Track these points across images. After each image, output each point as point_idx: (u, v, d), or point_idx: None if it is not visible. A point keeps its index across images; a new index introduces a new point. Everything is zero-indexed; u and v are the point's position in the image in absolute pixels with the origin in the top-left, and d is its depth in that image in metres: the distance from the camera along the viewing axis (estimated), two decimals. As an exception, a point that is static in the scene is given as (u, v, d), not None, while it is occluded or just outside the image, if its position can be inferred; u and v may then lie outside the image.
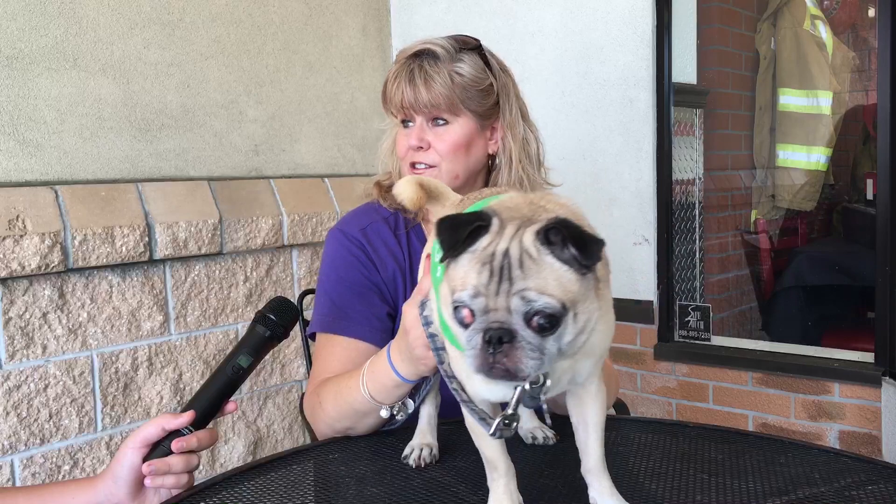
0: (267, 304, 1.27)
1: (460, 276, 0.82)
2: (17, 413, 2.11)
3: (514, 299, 0.78)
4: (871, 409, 2.42)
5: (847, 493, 1.07)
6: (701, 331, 2.80)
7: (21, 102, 2.18)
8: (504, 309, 0.78)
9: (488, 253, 0.81)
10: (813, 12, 3.89)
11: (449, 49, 1.45)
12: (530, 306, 0.78)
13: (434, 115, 1.45)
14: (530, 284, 0.79)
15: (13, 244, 2.02)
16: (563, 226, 0.80)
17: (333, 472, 1.24)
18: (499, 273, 0.79)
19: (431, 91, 1.42)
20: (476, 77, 1.45)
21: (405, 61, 1.46)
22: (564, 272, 0.80)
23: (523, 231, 0.82)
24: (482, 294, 0.79)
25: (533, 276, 0.79)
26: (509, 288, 0.79)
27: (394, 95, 1.46)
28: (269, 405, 2.76)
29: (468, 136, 1.46)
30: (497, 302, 0.79)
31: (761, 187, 4.01)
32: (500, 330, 0.78)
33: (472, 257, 0.82)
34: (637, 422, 1.46)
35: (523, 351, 0.78)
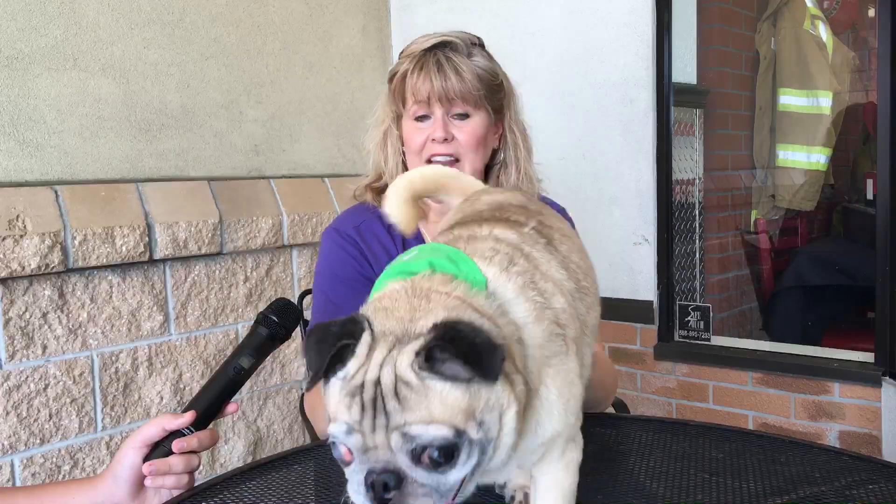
0: (269, 306, 1.28)
1: (332, 407, 0.71)
2: (17, 413, 2.11)
3: (394, 436, 0.67)
4: (871, 409, 2.42)
5: (847, 492, 1.07)
6: (701, 331, 2.79)
7: (21, 102, 2.18)
8: (385, 447, 0.67)
9: (356, 384, 0.69)
10: (813, 12, 3.89)
11: (466, 42, 1.45)
12: (415, 443, 0.66)
13: (454, 108, 1.44)
14: (410, 418, 0.67)
15: (13, 244, 2.02)
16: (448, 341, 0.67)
17: (334, 472, 1.23)
18: (371, 406, 0.68)
19: (462, 81, 1.41)
20: (491, 71, 1.46)
21: (423, 54, 1.44)
22: (451, 391, 0.68)
23: (398, 352, 0.69)
24: (356, 430, 0.68)
25: (413, 406, 0.67)
26: (386, 423, 0.67)
27: (419, 86, 1.43)
28: (269, 405, 2.76)
29: (486, 129, 1.47)
30: (375, 440, 0.67)
31: (761, 187, 4.01)
32: (383, 474, 0.67)
33: (342, 386, 0.70)
34: (637, 421, 1.46)
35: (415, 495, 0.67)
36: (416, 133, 1.47)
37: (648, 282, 2.82)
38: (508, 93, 1.52)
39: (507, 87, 1.52)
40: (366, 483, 0.68)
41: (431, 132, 1.45)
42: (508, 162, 1.52)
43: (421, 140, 1.46)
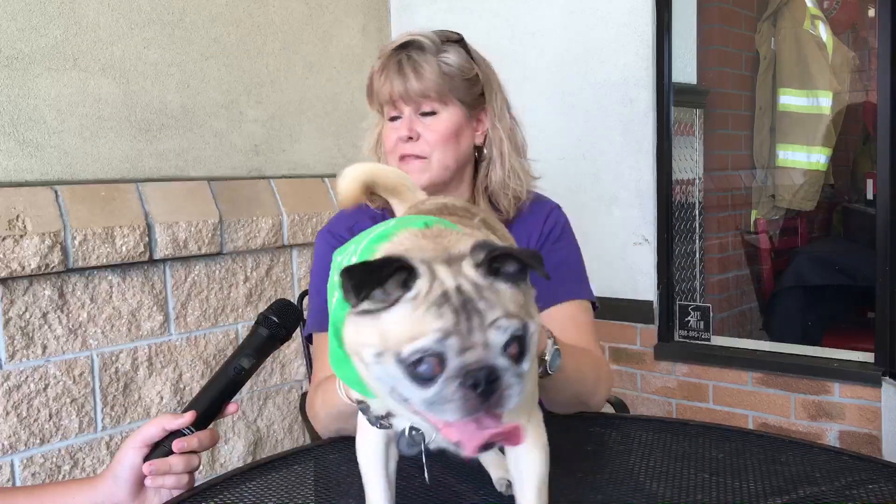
0: (269, 307, 1.28)
1: (406, 329, 0.72)
2: (17, 413, 2.11)
3: (491, 332, 0.71)
4: (871, 409, 2.42)
5: (848, 491, 1.07)
6: (701, 331, 2.80)
7: (21, 102, 2.18)
8: (481, 345, 0.71)
9: (437, 294, 0.72)
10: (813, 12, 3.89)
11: (434, 40, 1.45)
12: (507, 334, 0.72)
13: (422, 107, 1.45)
14: (499, 313, 0.72)
15: (13, 244, 2.02)
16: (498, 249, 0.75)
17: (334, 472, 1.24)
18: (463, 309, 0.71)
19: (422, 80, 1.42)
20: (462, 66, 1.45)
21: (391, 54, 1.46)
22: (511, 291, 0.75)
23: (458, 265, 0.75)
24: (454, 333, 0.70)
25: (495, 304, 0.73)
26: (481, 321, 0.71)
27: (381, 88, 1.46)
28: (269, 405, 2.76)
29: (457, 125, 1.47)
30: (472, 339, 0.71)
31: (761, 187, 4.01)
32: (486, 369, 0.70)
33: (416, 304, 0.72)
34: (637, 421, 1.46)
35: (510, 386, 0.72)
36: (390, 132, 1.49)
37: (648, 282, 2.82)
38: (490, 87, 1.51)
39: (487, 81, 1.50)
40: (465, 383, 0.70)
41: (398, 131, 1.46)
42: (494, 157, 1.52)
43: (393, 139, 1.48)
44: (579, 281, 1.53)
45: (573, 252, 1.56)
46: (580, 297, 1.50)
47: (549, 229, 1.54)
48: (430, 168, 1.46)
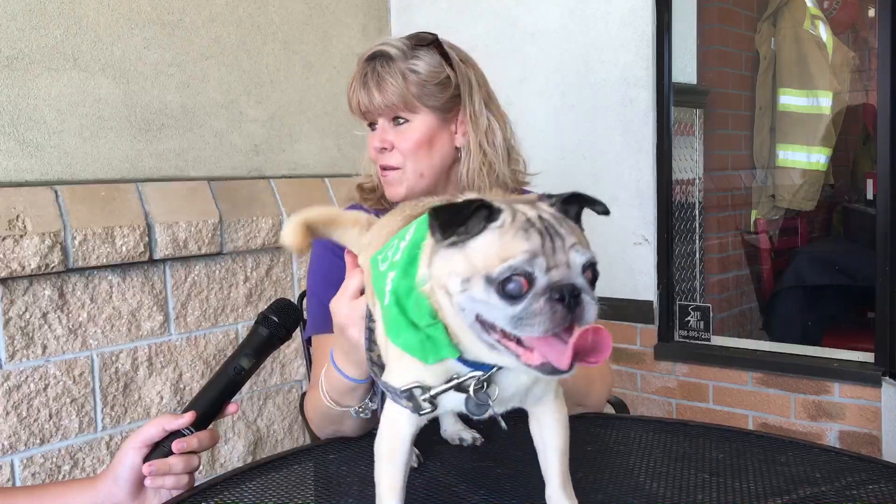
0: (269, 306, 1.28)
1: (495, 251, 0.79)
2: (17, 413, 2.11)
3: (572, 253, 0.79)
4: (871, 409, 2.42)
5: (848, 492, 1.07)
6: (701, 331, 2.80)
7: (21, 102, 2.18)
8: (564, 265, 0.78)
9: (523, 220, 0.80)
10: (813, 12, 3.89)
11: (403, 48, 1.44)
12: (586, 257, 0.79)
13: (393, 115, 1.45)
14: (576, 239, 0.80)
15: (13, 244, 2.02)
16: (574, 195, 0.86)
17: (334, 472, 1.24)
18: (547, 233, 0.79)
19: (384, 93, 1.42)
20: (431, 72, 1.44)
21: (361, 66, 1.47)
22: (580, 231, 0.84)
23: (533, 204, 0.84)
24: (541, 254, 0.78)
25: (573, 233, 0.81)
26: (563, 244, 0.79)
27: (351, 100, 1.47)
28: (269, 405, 2.76)
29: (429, 132, 1.46)
30: (556, 259, 0.78)
31: (761, 187, 4.01)
32: (570, 285, 0.77)
33: (504, 230, 0.80)
34: (637, 421, 1.46)
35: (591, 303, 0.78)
36: (370, 141, 1.50)
37: (648, 282, 2.82)
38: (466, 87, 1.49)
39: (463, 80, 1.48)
40: (551, 297, 0.76)
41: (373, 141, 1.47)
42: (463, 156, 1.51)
43: (372, 150, 1.49)
44: None
45: None
46: None
47: None
48: (405, 178, 1.46)
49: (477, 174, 1.50)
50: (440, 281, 0.82)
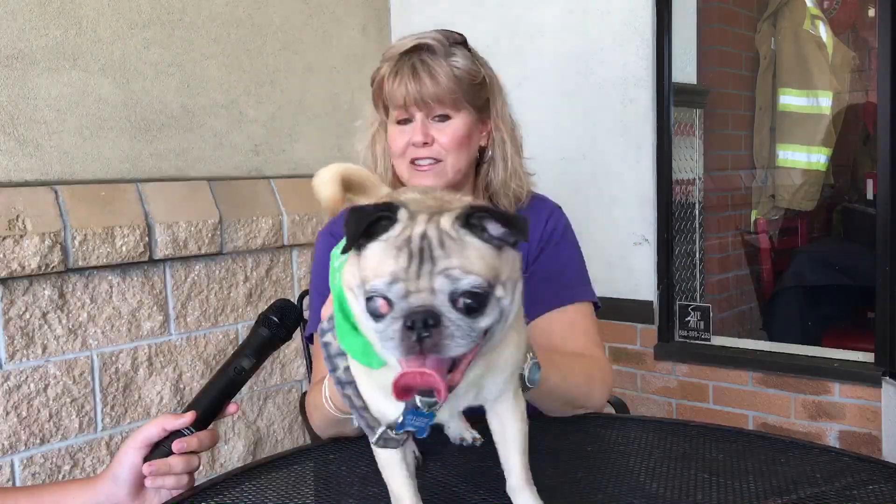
0: (269, 307, 1.28)
1: (373, 266, 0.77)
2: (17, 413, 2.11)
3: (439, 279, 0.74)
4: (871, 409, 2.42)
5: (848, 492, 1.07)
6: (701, 331, 2.80)
7: (21, 102, 2.18)
8: (427, 291, 0.74)
9: (403, 238, 0.76)
10: (813, 12, 3.89)
11: (443, 42, 1.44)
12: (456, 285, 0.74)
13: (434, 111, 1.45)
14: (454, 263, 0.74)
15: (13, 244, 2.02)
16: (483, 209, 0.78)
17: (334, 471, 1.24)
18: (419, 255, 0.75)
19: (437, 85, 1.41)
20: (470, 70, 1.45)
21: (402, 57, 1.45)
22: (486, 250, 0.77)
23: (438, 217, 0.78)
24: (401, 279, 0.74)
25: (456, 254, 0.75)
26: (431, 268, 0.74)
27: (395, 92, 1.44)
28: (269, 405, 2.76)
29: (469, 129, 1.47)
30: (419, 284, 0.74)
31: (761, 187, 4.01)
32: (423, 312, 0.73)
33: (386, 245, 0.77)
34: (637, 421, 1.46)
35: (451, 335, 0.73)
36: (398, 137, 1.47)
37: (648, 282, 2.82)
38: (493, 90, 1.51)
39: (490, 84, 1.50)
40: (405, 323, 0.73)
41: (412, 136, 1.45)
42: (496, 158, 1.52)
43: (403, 143, 1.46)
44: (581, 283, 1.53)
45: (575, 253, 1.56)
46: (582, 299, 1.50)
47: (550, 231, 1.54)
48: (445, 172, 1.45)
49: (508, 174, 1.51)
50: (348, 285, 0.82)
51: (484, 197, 1.53)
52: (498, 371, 0.89)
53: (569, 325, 1.46)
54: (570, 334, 1.45)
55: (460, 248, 0.76)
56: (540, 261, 1.52)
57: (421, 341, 0.73)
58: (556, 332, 1.43)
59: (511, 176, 1.51)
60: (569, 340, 1.43)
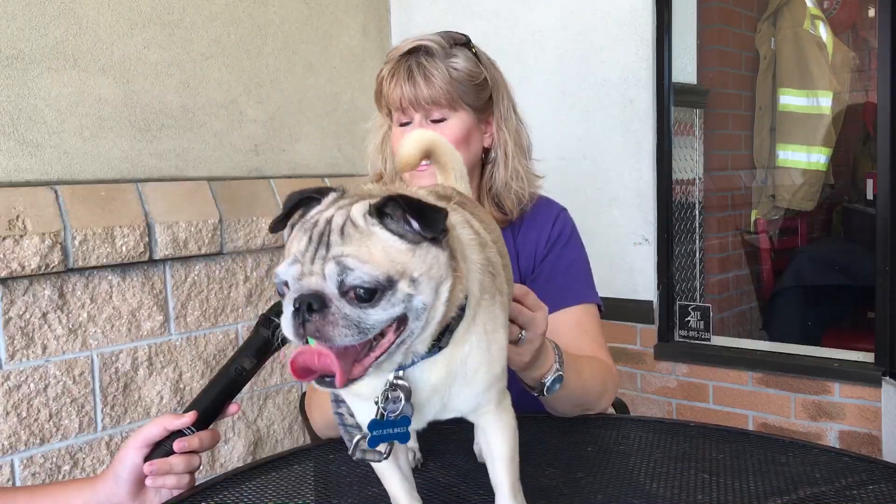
0: (270, 308, 1.28)
1: (287, 248, 0.79)
2: (17, 413, 2.11)
3: (329, 265, 0.73)
4: (871, 409, 2.42)
5: (848, 492, 1.07)
6: (701, 331, 2.80)
7: (21, 102, 2.18)
8: (318, 275, 0.73)
9: (311, 221, 0.77)
10: (813, 12, 3.89)
11: (442, 44, 1.45)
12: (344, 274, 0.72)
13: (432, 113, 1.45)
14: (348, 251, 0.73)
15: (13, 244, 2.02)
16: (399, 198, 0.75)
17: (334, 471, 1.24)
18: (318, 240, 0.75)
19: (432, 87, 1.42)
20: (471, 71, 1.45)
21: (400, 59, 1.45)
22: (394, 243, 0.75)
23: (355, 204, 0.78)
24: (298, 261, 0.75)
25: (354, 243, 0.74)
26: (325, 254, 0.74)
27: (391, 94, 1.45)
28: (269, 405, 2.76)
29: (467, 130, 1.47)
30: (312, 268, 0.74)
31: (761, 187, 4.01)
32: (309, 296, 0.72)
33: (299, 227, 0.79)
34: (637, 422, 1.46)
35: (335, 323, 0.72)
36: (399, 138, 1.48)
37: (648, 282, 2.82)
38: (497, 90, 1.51)
39: (494, 84, 1.50)
40: (293, 305, 0.73)
41: None
42: (498, 159, 1.52)
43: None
44: (587, 285, 1.54)
45: (581, 255, 1.56)
46: (587, 300, 1.51)
47: (557, 232, 1.54)
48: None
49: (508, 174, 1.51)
50: None
51: (488, 197, 1.53)
52: (465, 383, 0.85)
53: (576, 325, 1.47)
54: (578, 335, 1.45)
55: (361, 237, 0.74)
56: (547, 261, 1.52)
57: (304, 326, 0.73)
58: (564, 332, 1.43)
59: (512, 176, 1.51)
60: (576, 341, 1.43)
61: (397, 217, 0.75)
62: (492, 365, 0.87)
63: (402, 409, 0.81)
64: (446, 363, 0.83)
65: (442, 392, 0.85)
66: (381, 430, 0.83)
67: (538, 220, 1.55)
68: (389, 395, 0.81)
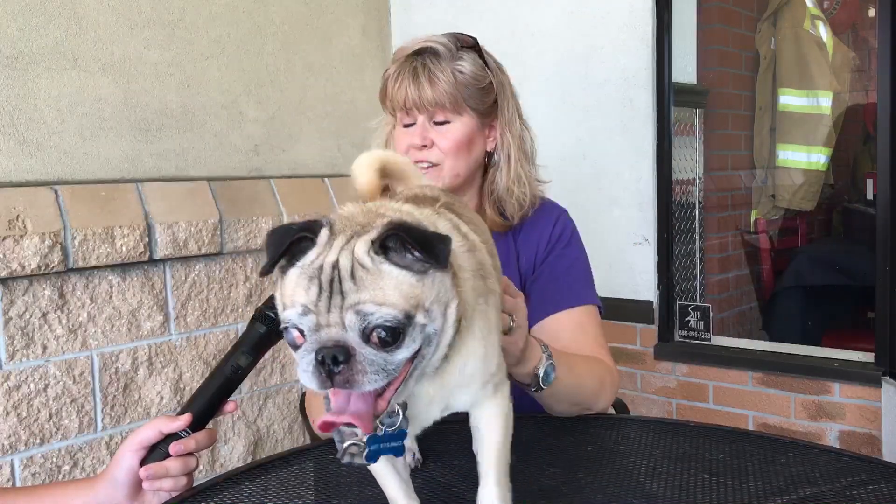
0: (266, 302, 1.26)
1: (288, 294, 0.76)
2: (17, 413, 2.11)
3: (349, 315, 0.72)
4: (871, 409, 2.42)
5: (848, 492, 1.07)
6: (701, 331, 2.79)
7: (21, 102, 2.18)
8: (337, 325, 0.72)
9: (316, 266, 0.75)
10: (813, 12, 3.89)
11: (450, 47, 1.44)
12: (367, 321, 0.71)
13: (435, 115, 1.45)
14: (365, 297, 0.72)
15: (13, 244, 2.02)
16: (400, 230, 0.74)
17: (334, 472, 1.24)
18: (329, 287, 0.73)
19: (436, 89, 1.41)
20: (476, 75, 1.45)
21: (406, 59, 1.45)
22: (405, 277, 0.74)
23: (355, 241, 0.75)
24: (312, 311, 0.73)
25: (368, 287, 0.72)
26: (342, 303, 0.72)
27: (396, 94, 1.45)
28: (269, 405, 2.76)
29: (470, 134, 1.46)
30: (329, 318, 0.72)
31: (761, 187, 4.01)
32: (333, 348, 0.71)
33: (300, 272, 0.76)
34: (637, 422, 1.46)
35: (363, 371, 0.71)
36: (402, 138, 1.48)
37: (648, 282, 2.82)
38: (503, 94, 1.51)
39: (500, 88, 1.50)
40: (316, 358, 0.71)
41: (412, 139, 1.45)
42: (501, 163, 1.52)
43: (405, 146, 1.47)
44: (587, 286, 1.54)
45: (581, 257, 1.56)
46: (588, 302, 1.51)
47: (558, 234, 1.54)
48: (441, 176, 1.46)
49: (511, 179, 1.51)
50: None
51: (490, 201, 1.53)
52: (462, 387, 0.86)
53: (577, 326, 1.46)
54: (579, 336, 1.45)
55: (373, 279, 0.73)
56: (547, 262, 1.52)
57: (332, 377, 0.72)
58: (565, 333, 1.43)
59: (515, 181, 1.51)
60: (577, 342, 1.43)
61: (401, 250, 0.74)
62: (487, 365, 0.88)
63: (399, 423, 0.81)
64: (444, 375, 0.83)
65: (439, 401, 0.86)
66: (378, 445, 0.82)
67: (539, 222, 1.55)
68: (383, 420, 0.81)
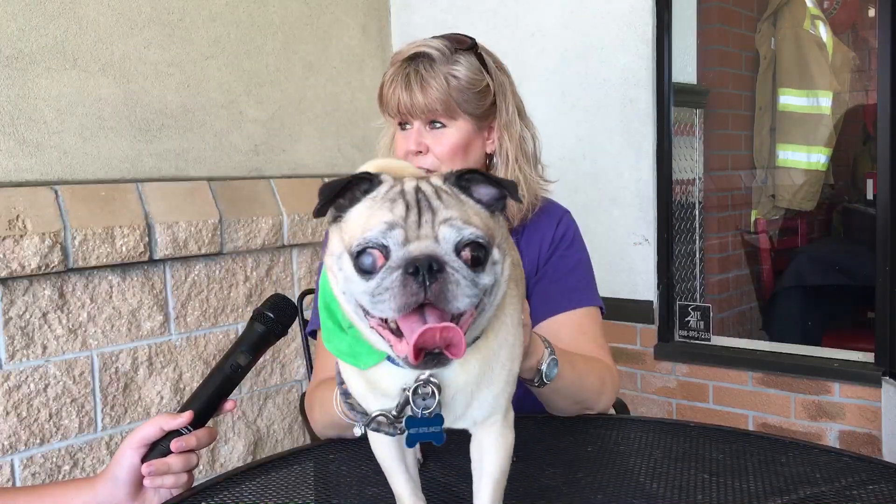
0: (265, 302, 1.27)
1: (361, 222, 0.72)
2: (17, 413, 2.11)
3: (443, 228, 0.70)
4: (871, 409, 2.42)
5: (848, 492, 1.07)
6: (701, 331, 2.79)
7: (21, 102, 2.18)
8: (430, 238, 0.69)
9: (396, 191, 0.73)
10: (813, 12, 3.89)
11: (444, 51, 1.43)
12: (461, 234, 0.70)
13: (431, 119, 1.45)
14: (455, 214, 0.71)
15: (13, 244, 2.02)
16: (473, 170, 0.76)
17: (334, 471, 1.24)
18: (416, 205, 0.71)
19: (427, 96, 1.41)
20: (472, 79, 1.44)
21: (401, 65, 1.45)
22: (480, 209, 0.75)
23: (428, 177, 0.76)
24: (400, 226, 0.69)
25: (455, 206, 0.72)
26: (432, 218, 0.70)
27: (390, 100, 1.45)
28: (269, 405, 2.76)
29: (466, 138, 1.46)
30: (420, 232, 0.69)
31: (761, 187, 4.01)
32: (426, 258, 0.67)
33: (373, 201, 0.73)
34: (637, 422, 1.46)
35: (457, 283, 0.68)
36: (400, 141, 1.48)
37: (648, 282, 2.82)
38: (502, 96, 1.49)
39: (500, 89, 1.49)
40: (406, 270, 0.67)
41: (407, 144, 1.45)
42: (499, 166, 1.51)
43: (403, 149, 1.47)
44: (589, 287, 1.54)
45: (584, 258, 1.56)
46: (590, 303, 1.51)
47: (560, 235, 1.54)
48: None
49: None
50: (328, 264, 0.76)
51: None
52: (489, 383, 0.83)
53: (578, 327, 1.46)
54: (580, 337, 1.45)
55: (458, 202, 0.73)
56: (550, 263, 1.52)
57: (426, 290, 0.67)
58: (566, 334, 1.43)
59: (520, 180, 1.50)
60: (578, 343, 1.43)
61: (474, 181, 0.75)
62: (513, 363, 0.85)
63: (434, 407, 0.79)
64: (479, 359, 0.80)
65: (467, 393, 0.82)
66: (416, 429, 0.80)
67: (542, 223, 1.55)
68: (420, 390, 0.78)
